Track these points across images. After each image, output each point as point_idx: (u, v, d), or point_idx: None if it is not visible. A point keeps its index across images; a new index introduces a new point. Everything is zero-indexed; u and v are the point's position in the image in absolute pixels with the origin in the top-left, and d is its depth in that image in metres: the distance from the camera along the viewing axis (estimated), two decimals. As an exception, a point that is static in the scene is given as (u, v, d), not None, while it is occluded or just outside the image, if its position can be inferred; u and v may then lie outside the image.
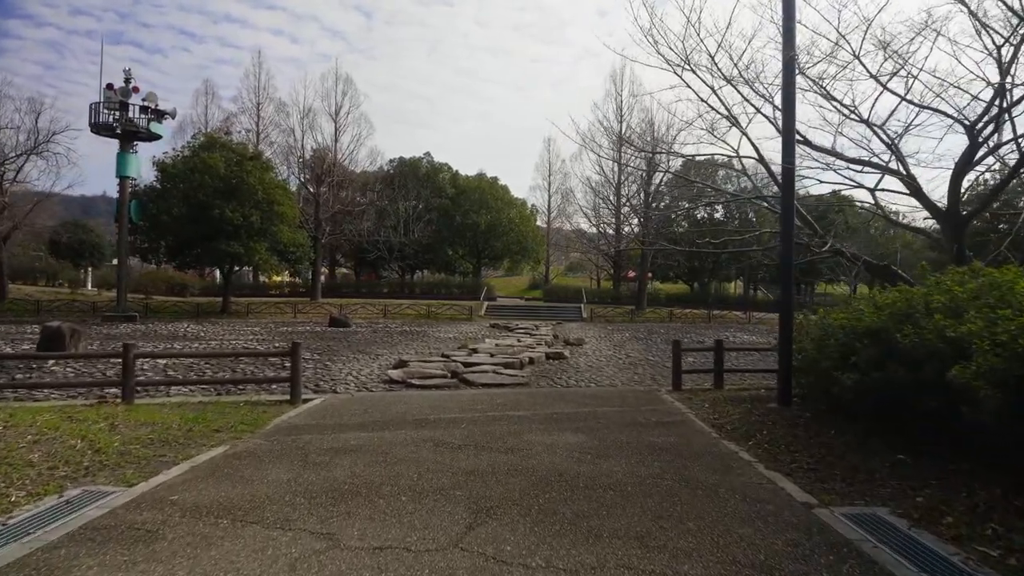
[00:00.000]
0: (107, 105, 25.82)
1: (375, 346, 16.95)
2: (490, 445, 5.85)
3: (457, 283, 49.73)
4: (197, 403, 7.94)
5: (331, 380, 10.42)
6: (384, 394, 8.99)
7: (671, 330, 26.82)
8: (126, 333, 19.88)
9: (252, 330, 22.14)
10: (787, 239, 7.79)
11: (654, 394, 9.22)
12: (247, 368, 11.43)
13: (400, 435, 6.24)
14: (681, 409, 7.91)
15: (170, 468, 5.03)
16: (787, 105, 7.52)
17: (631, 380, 11.20)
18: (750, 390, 9.62)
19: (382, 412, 7.47)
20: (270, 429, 6.51)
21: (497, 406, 7.92)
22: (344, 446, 5.77)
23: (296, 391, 8.28)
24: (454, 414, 7.38)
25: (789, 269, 7.85)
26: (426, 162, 52.14)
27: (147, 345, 16.15)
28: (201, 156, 26.94)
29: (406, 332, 22.64)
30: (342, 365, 12.51)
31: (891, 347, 5.37)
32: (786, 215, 7.81)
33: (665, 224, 28.58)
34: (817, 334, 6.87)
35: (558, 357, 14.42)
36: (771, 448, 5.86)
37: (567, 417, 7.28)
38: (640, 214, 31.17)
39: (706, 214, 40.98)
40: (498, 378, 10.41)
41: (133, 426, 6.34)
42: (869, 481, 4.78)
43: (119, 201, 26.63)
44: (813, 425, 6.58)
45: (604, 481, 4.72)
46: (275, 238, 28.00)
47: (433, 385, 9.62)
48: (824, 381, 6.48)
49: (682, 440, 6.19)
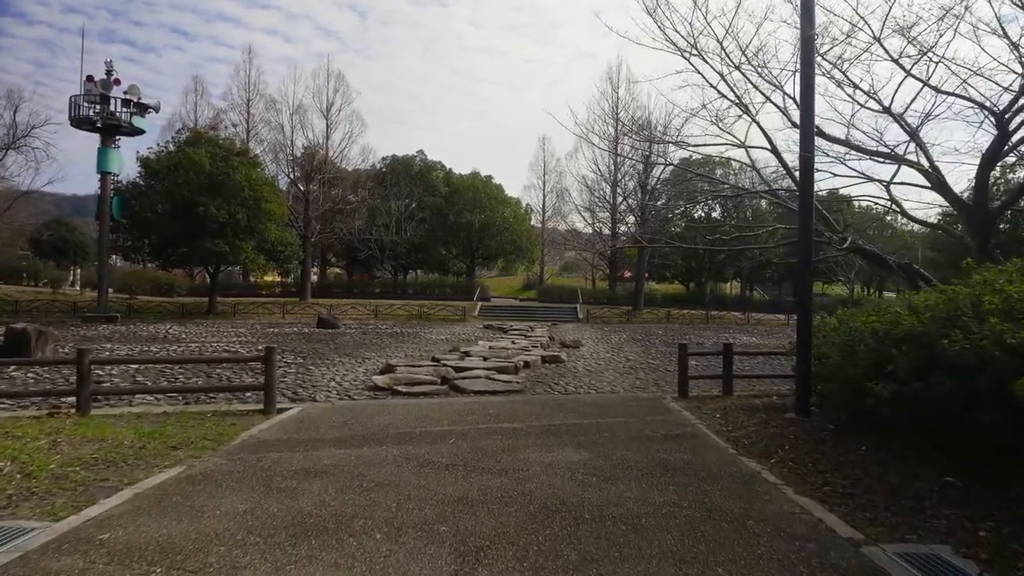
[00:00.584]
0: (87, 98, 24.90)
1: (363, 349, 16.23)
2: (481, 465, 5.18)
3: (451, 283, 49.00)
4: (160, 414, 7.23)
5: (312, 387, 9.72)
6: (367, 403, 8.30)
7: (669, 331, 26.25)
8: (103, 335, 19.06)
9: (236, 331, 21.35)
10: (805, 235, 7.18)
11: (659, 402, 8.59)
12: (223, 374, 10.70)
13: (381, 453, 5.56)
14: (690, 420, 7.28)
15: (110, 496, 4.33)
16: (806, 87, 6.90)
17: (633, 386, 10.56)
18: (761, 397, 9.01)
19: (363, 424, 6.79)
20: (235, 446, 5.82)
21: (490, 417, 7.25)
22: (316, 467, 5.09)
23: (270, 400, 7.58)
24: (442, 427, 6.71)
25: (807, 268, 7.23)
26: (419, 160, 51.35)
27: (122, 347, 15.36)
28: (186, 152, 26.10)
29: (396, 334, 21.93)
30: (325, 369, 11.79)
31: (934, 354, 4.75)
32: (804, 209, 7.19)
33: (663, 223, 28.03)
34: (843, 339, 6.24)
35: (555, 361, 13.77)
36: (797, 467, 5.23)
37: (567, 429, 6.63)
38: (637, 212, 30.59)
39: (703, 213, 40.49)
40: (491, 385, 9.74)
41: (78, 443, 5.63)
42: (918, 510, 4.16)
43: (100, 198, 25.70)
44: (840, 439, 5.97)
45: (613, 511, 4.07)
46: (262, 236, 27.18)
47: (421, 393, 8.94)
48: (853, 391, 5.86)
49: (696, 457, 5.56)
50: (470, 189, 49.65)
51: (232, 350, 15.28)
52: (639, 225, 29.05)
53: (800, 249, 7.23)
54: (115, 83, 25.28)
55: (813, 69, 6.91)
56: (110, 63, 25.61)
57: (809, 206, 7.22)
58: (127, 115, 25.52)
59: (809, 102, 6.92)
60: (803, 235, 7.17)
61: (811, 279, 7.61)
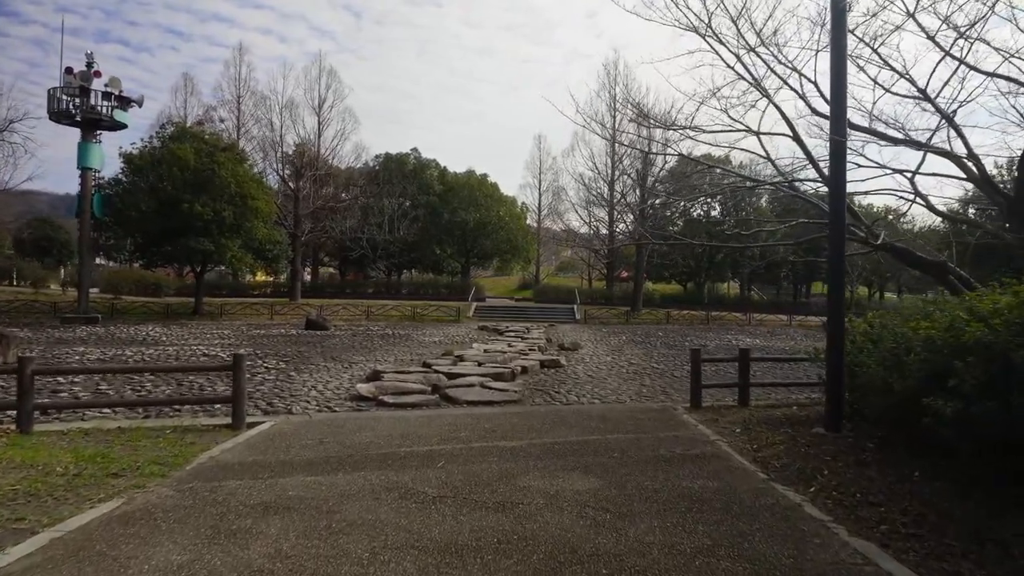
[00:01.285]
0: (66, 91, 23.92)
1: (351, 352, 15.42)
2: (474, 497, 4.41)
3: (445, 283, 48.18)
4: (113, 430, 6.42)
5: (290, 396, 8.91)
6: (349, 416, 7.51)
7: (670, 333, 25.54)
8: (79, 337, 18.15)
9: (220, 333, 20.48)
10: (837, 228, 6.44)
11: (671, 414, 7.83)
12: (197, 382, 9.87)
13: (357, 480, 4.78)
14: (708, 436, 6.53)
15: (19, 543, 3.54)
16: (837, 57, 6.15)
17: (639, 394, 9.81)
18: (780, 407, 8.28)
19: (341, 443, 6.00)
20: (190, 471, 5.02)
21: (484, 433, 6.48)
22: (279, 500, 4.30)
23: (239, 414, 6.78)
24: (431, 445, 5.93)
25: (840, 266, 6.49)
26: (413, 158, 50.47)
27: (94, 350, 14.49)
28: (170, 147, 25.17)
29: (388, 336, 21.11)
30: (308, 376, 10.98)
31: (1010, 368, 4.04)
32: (835, 199, 6.46)
33: (662, 221, 27.34)
34: (885, 347, 5.49)
35: (554, 365, 13.00)
36: (844, 498, 4.48)
37: (572, 448, 5.87)
38: (636, 209, 29.84)
39: (703, 211, 39.83)
40: (486, 394, 8.96)
41: (2, 470, 4.82)
42: (1006, 558, 3.42)
43: (80, 195, 24.74)
44: (884, 461, 5.23)
45: (636, 563, 3.31)
46: (249, 235, 26.27)
47: (409, 404, 8.15)
48: (900, 407, 5.12)
49: (723, 484, 4.80)
50: (465, 187, 48.83)
51: (212, 354, 14.44)
52: (638, 223, 28.32)
53: (831, 244, 6.48)
54: (95, 75, 24.32)
55: (845, 39, 6.18)
56: (91, 55, 24.65)
57: (841, 195, 6.48)
58: (108, 108, 24.54)
59: (841, 76, 6.18)
60: (834, 228, 6.43)
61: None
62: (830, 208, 6.54)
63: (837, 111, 6.28)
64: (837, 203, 6.44)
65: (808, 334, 27.22)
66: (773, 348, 19.34)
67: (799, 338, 24.68)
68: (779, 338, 24.29)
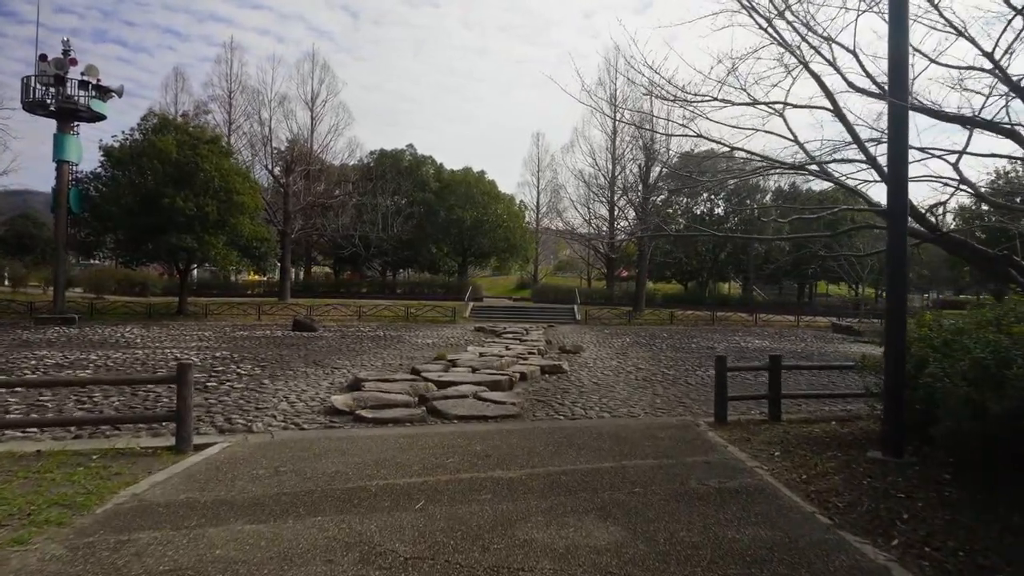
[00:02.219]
0: (40, 79, 22.74)
1: (336, 355, 14.32)
2: (459, 558, 3.35)
3: (441, 282, 47.03)
4: (30, 455, 5.34)
5: (255, 409, 7.81)
6: (318, 435, 6.42)
7: (675, 334, 24.49)
8: (48, 339, 17.00)
9: (201, 335, 19.35)
10: (898, 214, 5.39)
11: (694, 431, 6.78)
12: (155, 392, 8.78)
13: (310, 531, 3.71)
14: (744, 461, 5.47)
15: None
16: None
17: (653, 406, 8.74)
18: (817, 423, 7.24)
19: (301, 473, 4.93)
20: (99, 516, 3.94)
21: (477, 459, 5.41)
22: (197, 565, 3.23)
23: (184, 435, 5.70)
24: (409, 476, 4.86)
25: (903, 258, 5.43)
26: (409, 154, 49.29)
27: (56, 354, 13.35)
28: (150, 139, 24.00)
29: (378, 337, 20.01)
30: (282, 384, 9.88)
31: None
32: (896, 181, 5.40)
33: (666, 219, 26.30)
34: (973, 357, 4.44)
35: (555, 371, 11.92)
36: (943, 560, 3.43)
37: (583, 481, 4.80)
38: (640, 199, 28.73)
39: (705, 209, 38.81)
40: (480, 407, 7.87)
41: None
42: None
43: (56, 189, 23.56)
44: (977, 502, 4.17)
45: None
46: (235, 231, 25.08)
47: (391, 419, 7.07)
48: (998, 432, 4.08)
49: (779, 535, 3.75)
50: (462, 184, 47.70)
51: (185, 357, 13.32)
52: (641, 219, 27.28)
53: (890, 232, 5.44)
54: (71, 63, 23.11)
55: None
56: (67, 42, 23.45)
57: (902, 175, 5.43)
58: (85, 98, 23.35)
59: (902, 17, 5.12)
60: (895, 213, 5.38)
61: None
62: (890, 190, 5.49)
63: (897, 59, 5.21)
64: (898, 182, 5.39)
65: (818, 335, 26.22)
66: (787, 351, 18.30)
67: (809, 340, 23.67)
68: (788, 340, 23.26)
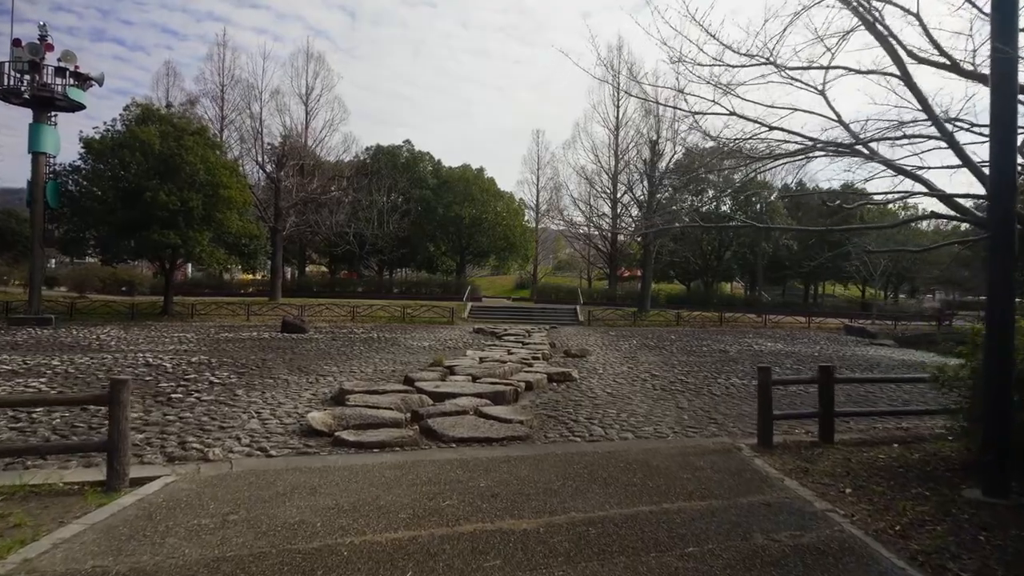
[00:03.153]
0: (14, 65, 21.48)
1: (324, 361, 13.16)
2: None
3: (439, 282, 45.87)
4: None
5: (219, 428, 6.65)
6: (286, 465, 5.27)
7: (683, 336, 23.37)
8: (16, 342, 15.79)
9: (183, 336, 18.15)
10: (1007, 194, 4.27)
11: (737, 457, 5.65)
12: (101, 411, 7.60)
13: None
14: (810, 502, 4.35)
15: None
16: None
17: (680, 422, 7.59)
18: (877, 445, 6.14)
19: (255, 524, 3.79)
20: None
21: (481, 500, 4.27)
22: None
23: (116, 469, 4.56)
24: (393, 531, 3.72)
25: (1010, 250, 4.30)
26: (406, 150, 48.05)
27: (17, 358, 12.14)
28: (132, 130, 22.77)
29: (371, 340, 18.85)
30: (257, 395, 8.71)
31: None
32: (1003, 146, 4.29)
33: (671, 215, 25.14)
34: None
35: (564, 379, 10.77)
36: None
37: (618, 537, 3.67)
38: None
39: (711, 207, 37.61)
40: (482, 426, 6.72)
41: None
42: None
43: (32, 182, 22.27)
44: None
45: None
46: (221, 227, 23.85)
47: (376, 443, 5.92)
48: None
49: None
50: (460, 181, 46.54)
51: (158, 363, 12.14)
52: (646, 216, 26.16)
53: (992, 220, 4.31)
54: (47, 49, 21.84)
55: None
56: (44, 26, 22.19)
57: (1011, 141, 4.31)
58: (62, 86, 22.11)
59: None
60: (1001, 194, 4.26)
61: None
62: (994, 157, 4.36)
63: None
64: (1005, 149, 4.27)
65: (831, 337, 25.14)
66: (806, 355, 17.19)
67: (823, 342, 22.59)
68: (802, 342, 22.15)
